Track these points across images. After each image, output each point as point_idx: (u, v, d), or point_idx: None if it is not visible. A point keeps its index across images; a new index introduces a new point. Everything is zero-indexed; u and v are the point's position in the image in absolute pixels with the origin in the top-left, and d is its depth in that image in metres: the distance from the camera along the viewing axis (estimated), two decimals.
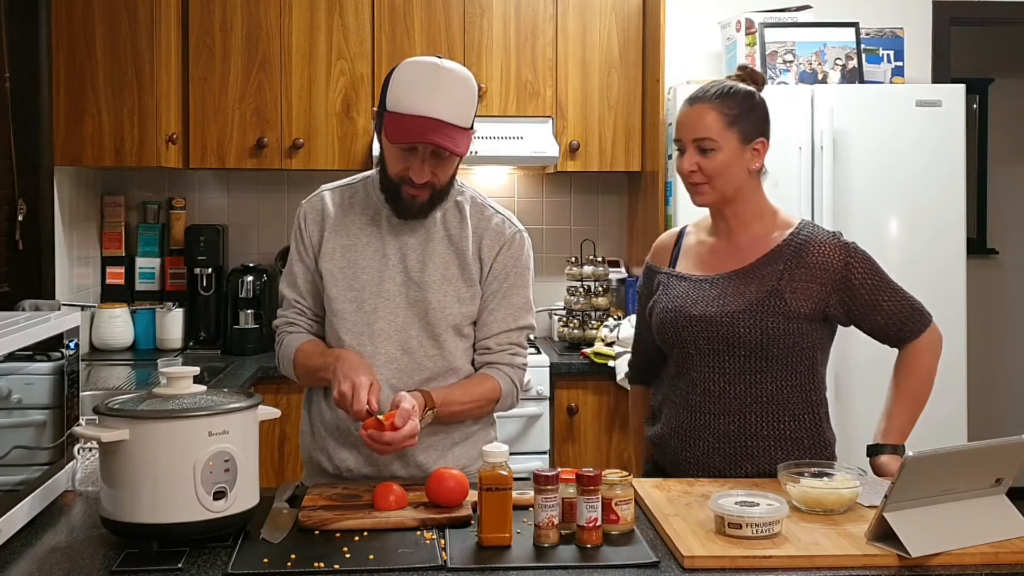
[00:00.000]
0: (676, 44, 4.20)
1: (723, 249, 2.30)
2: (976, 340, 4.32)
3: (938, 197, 3.81)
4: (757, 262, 2.24)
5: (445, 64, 2.17)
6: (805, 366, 2.23)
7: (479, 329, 2.30)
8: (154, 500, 1.74)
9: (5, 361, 1.80)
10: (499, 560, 1.73)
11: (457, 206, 2.30)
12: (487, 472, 1.80)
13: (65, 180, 3.79)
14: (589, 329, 4.06)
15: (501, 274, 2.29)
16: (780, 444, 2.21)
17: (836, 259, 2.21)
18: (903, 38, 4.19)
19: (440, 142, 2.11)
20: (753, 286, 2.21)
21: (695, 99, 2.25)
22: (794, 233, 2.25)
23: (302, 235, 2.32)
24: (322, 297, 2.32)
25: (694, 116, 2.23)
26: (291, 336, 2.34)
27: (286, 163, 4.02)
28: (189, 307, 4.19)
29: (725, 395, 2.21)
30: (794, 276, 2.20)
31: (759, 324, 2.18)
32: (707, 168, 2.21)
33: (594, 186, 4.50)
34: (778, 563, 1.70)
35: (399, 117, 2.13)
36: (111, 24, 3.70)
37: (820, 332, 2.24)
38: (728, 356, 2.21)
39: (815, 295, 2.20)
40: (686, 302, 2.26)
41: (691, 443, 2.24)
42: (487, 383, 2.28)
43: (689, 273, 2.31)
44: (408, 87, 2.14)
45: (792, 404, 2.22)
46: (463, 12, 4.06)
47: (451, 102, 2.13)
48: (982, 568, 1.71)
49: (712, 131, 2.21)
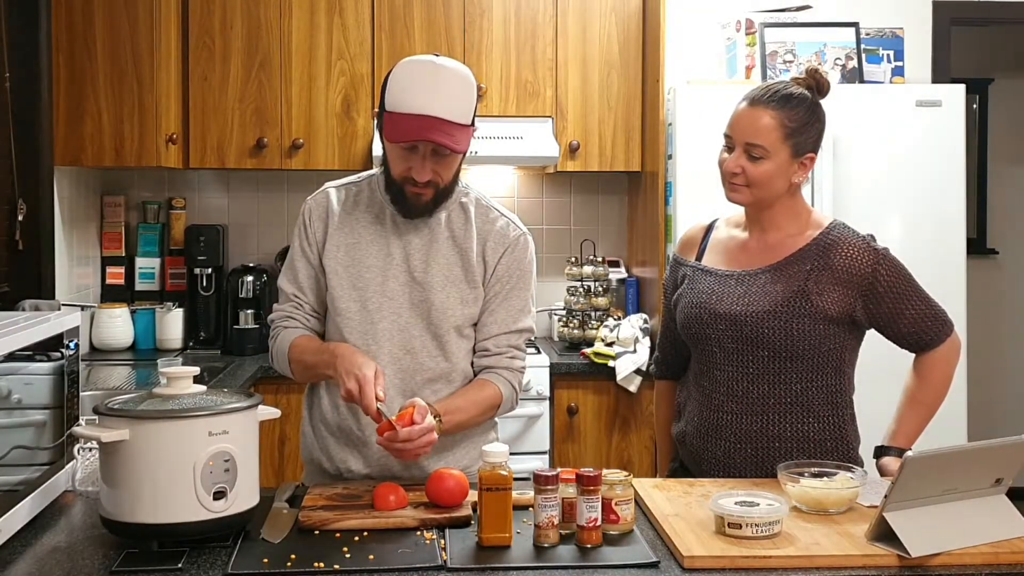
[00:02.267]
0: (676, 44, 4.20)
1: (752, 245, 2.27)
2: (976, 340, 4.32)
3: (938, 197, 3.81)
4: (784, 260, 2.20)
5: (443, 62, 2.17)
6: (832, 368, 2.20)
7: (478, 331, 2.30)
8: (154, 500, 1.74)
9: (5, 361, 1.80)
10: (499, 560, 1.73)
11: (462, 207, 2.30)
12: (487, 472, 1.80)
13: (65, 180, 3.79)
14: (589, 329, 4.06)
15: (504, 276, 2.28)
16: (803, 446, 2.18)
17: (864, 264, 2.17)
18: (903, 38, 4.19)
19: (438, 139, 2.11)
20: (780, 285, 2.18)
21: (757, 100, 2.17)
22: (824, 233, 2.21)
23: (306, 231, 2.31)
24: (323, 294, 2.32)
25: (751, 118, 2.16)
26: (286, 331, 2.32)
27: (286, 163, 4.02)
28: (189, 307, 4.19)
29: (748, 395, 2.19)
30: (821, 277, 2.17)
31: (784, 325, 2.15)
32: (752, 174, 2.17)
33: (594, 186, 4.50)
34: (778, 563, 1.70)
35: (398, 117, 2.13)
36: (111, 24, 3.70)
37: (847, 334, 2.21)
38: (752, 356, 2.18)
39: (841, 298, 2.16)
40: (711, 298, 2.23)
41: (713, 442, 2.22)
42: (487, 389, 2.26)
43: (715, 267, 2.28)
44: (406, 86, 2.13)
45: (816, 406, 2.19)
46: (463, 12, 4.06)
47: (449, 99, 2.13)
48: (982, 568, 1.71)
49: (766, 139, 2.15)
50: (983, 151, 6.10)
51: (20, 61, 3.52)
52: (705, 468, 2.24)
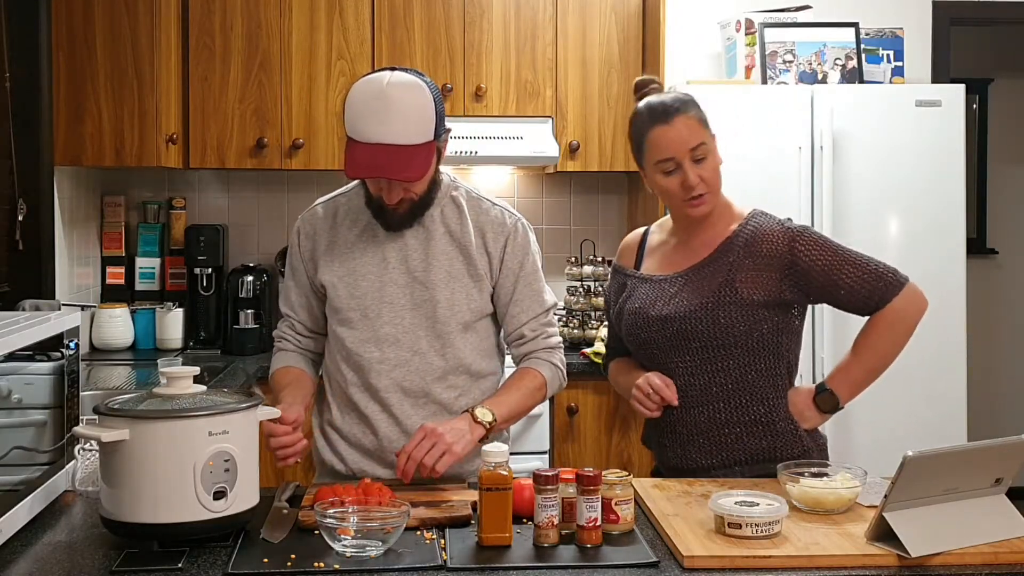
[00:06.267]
0: (676, 44, 4.20)
1: (682, 247, 2.32)
2: (976, 340, 4.32)
3: (938, 197, 3.81)
4: (710, 256, 2.26)
5: (393, 80, 2.13)
6: (769, 352, 2.24)
7: (508, 321, 2.33)
8: (154, 500, 1.74)
9: (5, 361, 1.80)
10: (499, 560, 1.74)
11: (454, 202, 2.30)
12: (487, 472, 1.80)
13: (65, 180, 3.79)
14: (589, 329, 4.06)
15: (514, 266, 2.31)
16: (753, 430, 2.23)
17: (781, 245, 2.22)
18: (903, 38, 4.19)
19: (389, 175, 2.12)
20: (707, 280, 2.24)
21: (666, 115, 2.22)
22: (743, 224, 2.27)
23: (297, 250, 2.35)
24: (315, 312, 2.35)
25: (678, 129, 2.21)
26: (278, 355, 2.41)
27: (286, 163, 4.02)
28: (189, 307, 4.19)
29: (690, 388, 2.24)
30: (744, 266, 2.22)
31: (711, 316, 2.20)
32: (707, 176, 2.23)
33: (594, 186, 4.50)
34: (778, 563, 1.70)
35: (352, 145, 2.13)
36: (111, 24, 3.70)
37: (781, 317, 2.25)
38: (685, 351, 2.24)
39: (766, 283, 2.21)
40: (646, 303, 2.29)
41: (669, 439, 2.28)
42: (527, 376, 2.30)
43: (651, 274, 2.34)
44: (357, 113, 2.13)
45: (760, 390, 2.24)
46: (463, 12, 4.06)
47: (403, 123, 2.11)
48: (982, 568, 1.72)
49: (701, 136, 2.22)
50: (983, 151, 6.10)
51: (20, 61, 3.52)
52: (669, 464, 2.30)
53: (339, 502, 1.84)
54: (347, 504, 1.84)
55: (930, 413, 3.73)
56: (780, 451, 2.19)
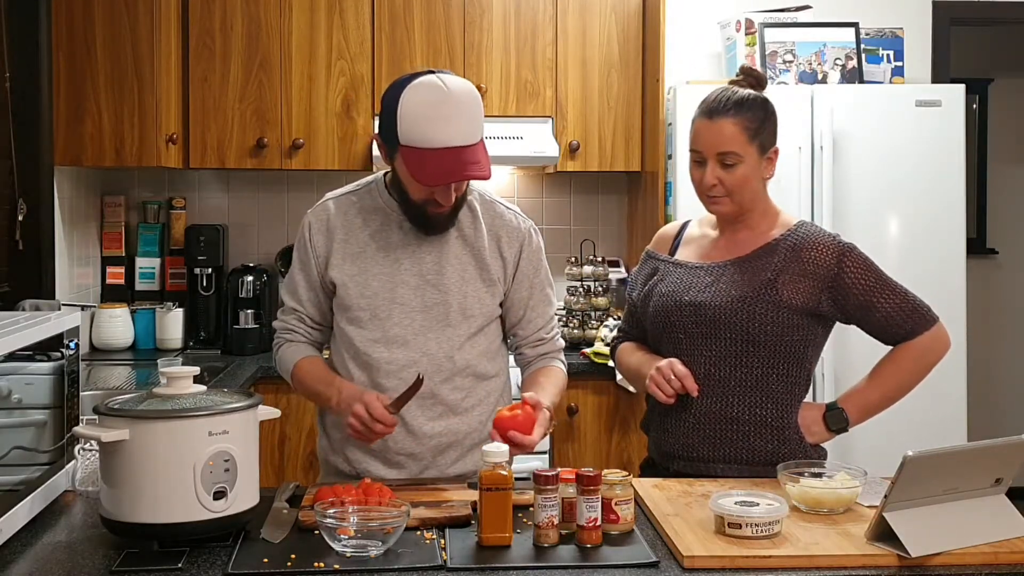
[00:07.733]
0: (676, 44, 4.20)
1: (723, 242, 2.33)
2: (976, 340, 4.32)
3: (938, 197, 3.81)
4: (753, 253, 2.26)
5: (449, 83, 2.12)
6: (794, 359, 2.24)
7: (525, 325, 2.36)
8: (154, 500, 1.74)
9: (5, 361, 1.80)
10: (499, 560, 1.74)
11: (467, 205, 2.29)
12: (487, 472, 1.80)
13: (65, 180, 3.79)
14: (589, 329, 4.06)
15: (529, 272, 2.33)
16: (761, 431, 2.23)
17: (830, 257, 2.23)
18: (903, 38, 4.19)
19: (474, 174, 2.12)
20: (747, 276, 2.24)
21: (714, 112, 2.23)
22: (792, 230, 2.28)
23: (308, 246, 2.31)
24: (323, 307, 2.33)
25: (716, 130, 2.22)
26: (290, 344, 2.36)
27: (286, 163, 4.02)
28: (189, 307, 4.19)
29: (710, 377, 2.23)
30: (788, 270, 2.22)
31: (748, 311, 2.21)
32: (729, 182, 2.23)
33: (594, 186, 4.50)
34: (778, 563, 1.70)
35: (420, 153, 2.10)
36: (111, 24, 3.70)
37: (812, 328, 2.25)
38: (715, 340, 2.24)
39: (807, 291, 2.22)
40: (679, 288, 2.29)
41: (674, 423, 2.27)
42: (556, 372, 2.39)
43: (686, 260, 2.34)
44: (421, 118, 2.09)
45: (777, 393, 2.24)
46: (463, 12, 4.06)
47: (468, 122, 2.11)
48: (982, 568, 1.72)
49: (736, 145, 2.21)
50: (983, 151, 6.10)
51: (20, 61, 3.52)
52: (666, 450, 2.29)
53: (339, 502, 1.85)
54: (347, 504, 1.84)
55: (930, 413, 3.72)
56: (783, 457, 2.18)
